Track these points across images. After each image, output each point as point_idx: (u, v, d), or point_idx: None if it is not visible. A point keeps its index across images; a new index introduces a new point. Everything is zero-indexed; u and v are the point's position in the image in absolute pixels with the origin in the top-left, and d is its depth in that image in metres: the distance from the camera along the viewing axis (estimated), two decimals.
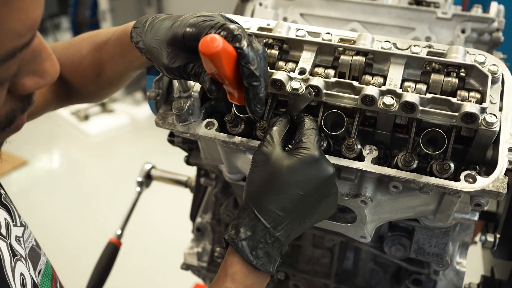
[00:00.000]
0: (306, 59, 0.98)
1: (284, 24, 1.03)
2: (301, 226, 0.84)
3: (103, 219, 3.33)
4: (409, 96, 0.88)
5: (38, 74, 0.62)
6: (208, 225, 1.43)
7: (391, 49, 0.96)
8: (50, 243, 3.11)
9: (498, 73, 0.91)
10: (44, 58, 0.62)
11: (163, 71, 0.88)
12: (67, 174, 4.28)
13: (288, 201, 0.81)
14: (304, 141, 0.84)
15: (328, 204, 0.86)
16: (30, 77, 0.61)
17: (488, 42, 1.36)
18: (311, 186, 0.82)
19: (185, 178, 1.66)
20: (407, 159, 0.90)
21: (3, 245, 0.72)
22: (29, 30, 0.55)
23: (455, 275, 1.16)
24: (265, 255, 0.80)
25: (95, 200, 3.66)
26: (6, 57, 0.55)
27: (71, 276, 1.49)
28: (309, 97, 0.90)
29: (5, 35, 0.52)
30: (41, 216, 3.42)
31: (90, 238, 3.12)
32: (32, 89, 0.62)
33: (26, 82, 0.61)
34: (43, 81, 0.62)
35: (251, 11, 1.50)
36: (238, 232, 0.80)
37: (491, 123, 0.84)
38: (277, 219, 0.80)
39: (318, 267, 1.35)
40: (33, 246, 0.82)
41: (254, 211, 0.81)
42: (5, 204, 0.79)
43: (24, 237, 0.80)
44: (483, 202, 0.87)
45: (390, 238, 1.15)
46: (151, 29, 0.89)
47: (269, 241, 0.80)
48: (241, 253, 0.79)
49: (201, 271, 1.48)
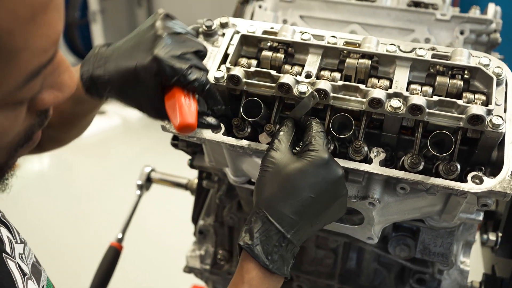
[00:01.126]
0: (312, 62, 0.99)
1: (289, 28, 1.03)
2: (312, 228, 0.85)
3: (98, 223, 3.29)
4: (416, 98, 0.89)
5: (56, 87, 0.60)
6: (211, 227, 1.43)
7: (396, 52, 0.97)
8: (43, 248, 3.08)
9: (502, 75, 0.92)
10: (62, 71, 0.60)
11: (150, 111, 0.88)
12: (59, 177, 4.24)
13: (300, 204, 0.81)
14: (313, 143, 0.85)
15: (338, 206, 0.87)
16: (49, 92, 0.60)
17: (486, 43, 1.38)
18: (322, 189, 0.82)
19: (185, 181, 1.65)
20: (414, 161, 0.91)
21: (13, 265, 0.69)
22: (53, 45, 0.54)
23: (459, 274, 1.18)
24: (279, 258, 0.81)
25: (89, 203, 3.63)
26: (32, 75, 0.53)
27: (66, 281, 1.49)
28: (312, 100, 0.91)
29: (32, 53, 0.51)
30: (34, 220, 3.38)
31: (85, 242, 3.10)
32: (51, 104, 0.61)
33: (45, 97, 0.59)
34: (62, 94, 0.61)
35: (251, 13, 1.51)
36: (253, 237, 0.80)
37: (497, 125, 0.86)
38: (290, 223, 0.81)
39: (321, 268, 1.35)
40: (33, 262, 0.80)
41: (267, 216, 0.81)
42: (4, 221, 0.76)
43: (25, 254, 0.77)
44: (489, 203, 0.89)
45: (395, 239, 1.17)
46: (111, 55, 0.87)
47: (283, 245, 0.81)
48: (257, 258, 0.79)
49: (204, 274, 1.48)
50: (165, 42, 0.82)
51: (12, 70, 0.51)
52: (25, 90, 0.54)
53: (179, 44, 0.84)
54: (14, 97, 0.54)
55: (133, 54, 0.84)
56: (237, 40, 1.03)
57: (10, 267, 0.68)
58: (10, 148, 0.61)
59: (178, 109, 0.81)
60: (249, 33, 1.04)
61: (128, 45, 0.87)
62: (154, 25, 0.85)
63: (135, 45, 0.85)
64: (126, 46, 0.87)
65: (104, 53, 0.88)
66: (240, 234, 0.83)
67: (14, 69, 0.51)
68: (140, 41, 0.85)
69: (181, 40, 0.85)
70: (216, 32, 1.06)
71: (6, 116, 0.56)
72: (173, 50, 0.82)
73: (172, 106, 0.83)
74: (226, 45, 1.03)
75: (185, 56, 0.83)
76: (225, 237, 1.43)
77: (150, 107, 0.87)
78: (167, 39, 0.83)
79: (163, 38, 0.83)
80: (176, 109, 0.82)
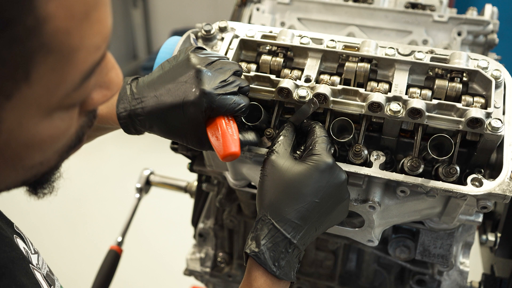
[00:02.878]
0: (311, 66, 0.99)
1: (287, 32, 1.03)
2: (316, 232, 0.85)
3: (97, 226, 3.26)
4: (415, 102, 0.89)
5: (105, 86, 0.59)
6: (211, 230, 1.43)
7: (395, 55, 0.97)
8: (42, 253, 3.06)
9: (501, 78, 0.93)
10: (110, 68, 0.59)
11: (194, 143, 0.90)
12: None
13: (305, 209, 0.82)
14: (316, 148, 0.85)
15: (341, 210, 0.87)
16: (97, 91, 0.58)
17: (483, 44, 1.38)
18: (326, 193, 0.83)
19: (185, 184, 1.66)
20: (414, 164, 0.91)
21: (39, 276, 0.69)
22: (105, 41, 0.53)
23: (459, 275, 1.19)
24: (286, 264, 0.81)
25: (88, 206, 3.60)
26: (88, 74, 0.52)
27: (66, 285, 1.47)
28: (312, 107, 0.91)
29: (87, 51, 0.50)
30: (28, 223, 3.36)
31: (84, 246, 3.07)
32: (100, 103, 0.60)
33: (95, 96, 0.58)
34: (110, 92, 0.60)
35: (248, 16, 1.51)
36: (259, 244, 0.80)
37: (496, 128, 0.86)
38: (296, 228, 0.81)
39: (321, 270, 1.36)
40: (47, 272, 0.80)
41: (272, 222, 0.81)
42: (19, 232, 0.76)
43: (39, 264, 0.77)
44: (489, 205, 0.89)
45: (395, 240, 1.17)
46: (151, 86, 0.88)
47: (290, 250, 0.81)
48: (265, 265, 0.79)
49: (204, 277, 1.49)
50: (207, 75, 0.86)
51: (70, 70, 0.50)
52: (81, 90, 0.54)
53: (218, 72, 0.88)
54: (71, 98, 0.53)
55: (175, 90, 0.86)
56: (236, 44, 1.03)
57: (38, 278, 0.69)
58: (62, 151, 0.61)
59: (222, 138, 0.84)
60: (248, 38, 1.04)
61: (165, 80, 0.88)
62: (189, 59, 0.88)
63: (173, 81, 0.87)
64: (163, 82, 0.88)
65: (140, 89, 0.89)
66: (246, 242, 0.83)
67: (71, 69, 0.50)
68: (179, 76, 0.87)
69: (218, 68, 0.88)
70: (215, 36, 1.06)
71: (62, 118, 0.55)
72: (216, 81, 0.86)
73: (215, 136, 0.85)
74: (225, 49, 1.04)
75: (227, 83, 0.87)
76: (225, 239, 1.43)
77: (195, 139, 0.90)
78: (208, 72, 0.86)
79: (204, 72, 0.86)
80: (219, 139, 0.85)
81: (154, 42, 5.36)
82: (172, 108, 0.86)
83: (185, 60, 0.89)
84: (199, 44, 1.06)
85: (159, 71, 0.91)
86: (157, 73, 0.91)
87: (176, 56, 0.92)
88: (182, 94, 0.85)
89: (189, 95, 0.85)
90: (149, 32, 5.47)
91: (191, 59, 0.88)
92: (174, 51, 1.02)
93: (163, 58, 1.04)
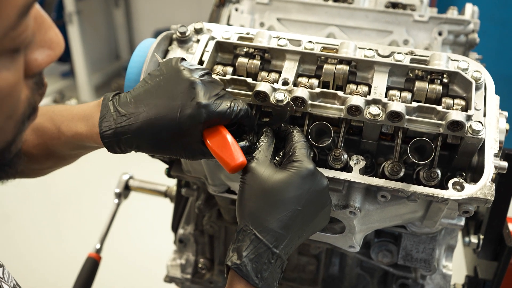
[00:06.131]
0: (289, 69, 0.97)
1: (265, 33, 1.01)
2: (299, 240, 0.83)
3: (76, 233, 3.18)
4: (395, 105, 0.87)
5: (46, 45, 0.59)
6: (191, 236, 1.40)
7: (374, 57, 0.95)
8: (19, 260, 2.98)
9: (481, 79, 0.91)
10: (47, 27, 0.59)
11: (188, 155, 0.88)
12: (35, 184, 4.12)
13: (288, 218, 0.79)
14: (296, 154, 0.83)
15: (323, 216, 0.85)
16: (40, 51, 0.58)
17: (464, 43, 1.37)
18: (309, 200, 0.80)
19: (165, 188, 1.62)
20: (394, 168, 0.89)
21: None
22: None
23: (442, 279, 1.17)
24: (269, 275, 0.78)
25: (66, 212, 3.49)
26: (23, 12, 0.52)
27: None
28: (289, 111, 0.89)
29: None
30: (7, 229, 3.28)
31: (62, 253, 2.98)
32: (45, 63, 0.59)
33: (38, 56, 0.58)
34: (54, 52, 0.59)
35: (227, 16, 1.48)
36: (241, 256, 0.77)
37: (477, 131, 0.85)
38: (279, 238, 0.79)
39: (304, 275, 1.34)
40: (14, 286, 0.76)
41: (254, 232, 0.78)
42: None
43: (5, 277, 0.74)
44: (471, 209, 0.87)
45: (377, 245, 1.15)
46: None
47: (273, 261, 0.78)
48: (247, 278, 0.76)
49: (185, 283, 1.45)
50: (203, 87, 0.84)
51: (4, 6, 0.50)
52: (19, 30, 0.53)
53: (210, 83, 0.86)
54: (10, 39, 0.52)
55: (169, 103, 0.84)
56: (212, 46, 1.00)
57: None
58: (17, 120, 0.59)
59: (228, 149, 0.83)
60: (224, 40, 1.01)
61: (155, 94, 0.85)
62: (180, 71, 0.86)
63: (165, 94, 0.85)
64: (152, 96, 0.85)
65: (125, 106, 0.86)
66: (228, 254, 0.80)
67: (5, 5, 0.50)
68: (171, 89, 0.85)
69: (209, 80, 0.87)
70: (190, 38, 1.03)
71: (8, 68, 0.54)
72: (211, 93, 0.84)
73: (219, 147, 0.83)
74: (200, 52, 1.01)
75: (221, 95, 0.85)
76: (205, 245, 1.40)
77: (188, 152, 0.88)
78: (201, 83, 0.84)
79: (199, 83, 0.84)
80: (224, 150, 0.83)
81: (137, 42, 5.30)
82: (167, 122, 0.83)
83: (175, 73, 0.86)
84: (174, 46, 1.03)
85: (144, 85, 0.88)
86: (142, 88, 0.87)
87: (161, 69, 0.89)
88: (178, 107, 0.83)
89: (186, 107, 0.82)
90: (132, 32, 5.41)
91: (182, 71, 0.86)
92: (148, 54, 0.99)
93: (137, 62, 1.00)
